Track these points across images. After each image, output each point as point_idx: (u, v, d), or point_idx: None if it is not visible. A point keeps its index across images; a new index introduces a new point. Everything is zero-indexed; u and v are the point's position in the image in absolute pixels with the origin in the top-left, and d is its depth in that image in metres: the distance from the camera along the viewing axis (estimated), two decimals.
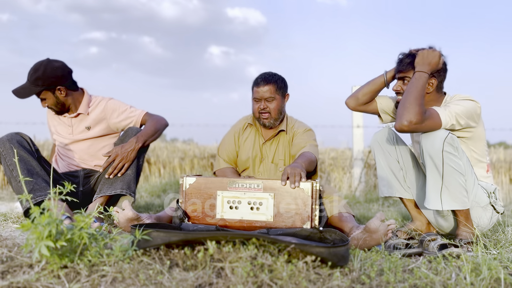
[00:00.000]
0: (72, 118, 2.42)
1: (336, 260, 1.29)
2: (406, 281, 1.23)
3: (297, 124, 2.38)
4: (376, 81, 2.06)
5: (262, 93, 2.26)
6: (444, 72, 1.93)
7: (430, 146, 1.75)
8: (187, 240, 1.35)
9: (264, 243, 1.34)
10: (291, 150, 2.31)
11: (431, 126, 1.76)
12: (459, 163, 1.75)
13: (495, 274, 1.23)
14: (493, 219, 1.89)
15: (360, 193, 4.34)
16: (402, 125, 1.73)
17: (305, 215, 1.75)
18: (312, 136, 2.32)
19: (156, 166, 5.47)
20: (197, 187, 1.84)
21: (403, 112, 1.74)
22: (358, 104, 2.10)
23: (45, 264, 1.24)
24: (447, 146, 1.72)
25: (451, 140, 1.73)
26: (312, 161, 2.07)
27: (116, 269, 1.22)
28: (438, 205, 1.78)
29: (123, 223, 1.83)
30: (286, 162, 2.32)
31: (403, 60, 1.93)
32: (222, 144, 2.43)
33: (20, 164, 2.05)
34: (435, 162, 1.75)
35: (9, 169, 2.09)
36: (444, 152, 1.72)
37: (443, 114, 1.77)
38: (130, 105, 2.48)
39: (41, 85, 2.26)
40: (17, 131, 2.17)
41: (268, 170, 2.33)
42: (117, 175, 2.19)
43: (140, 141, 2.25)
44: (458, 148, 1.76)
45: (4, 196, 3.75)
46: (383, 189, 2.07)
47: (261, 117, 2.30)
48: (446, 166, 1.74)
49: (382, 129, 2.08)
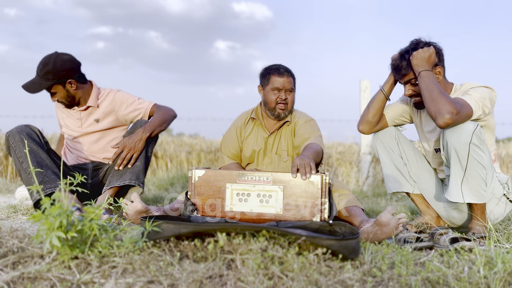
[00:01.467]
0: (81, 111, 2.42)
1: (347, 253, 1.28)
2: (418, 274, 1.22)
3: (298, 114, 2.36)
4: (377, 99, 2.05)
5: (285, 83, 2.24)
6: (443, 57, 1.94)
7: (456, 139, 1.71)
8: (197, 232, 1.35)
9: (274, 235, 1.33)
10: (294, 140, 2.29)
11: (467, 115, 1.72)
12: (483, 157, 1.72)
13: (509, 267, 1.21)
14: (507, 209, 1.88)
15: (368, 187, 4.32)
16: (445, 119, 1.67)
17: (314, 208, 1.74)
18: (315, 126, 2.31)
19: (163, 160, 5.48)
20: (206, 180, 1.84)
21: (439, 107, 1.69)
22: (372, 126, 2.08)
23: (56, 255, 1.24)
24: (475, 139, 1.69)
25: (480, 132, 1.70)
26: (318, 153, 2.06)
27: (127, 260, 1.22)
28: (459, 197, 1.76)
29: (132, 215, 1.84)
30: (290, 152, 2.31)
31: (401, 65, 1.91)
32: (224, 140, 2.41)
33: (30, 156, 2.05)
34: (460, 155, 1.72)
35: (19, 161, 2.10)
36: (471, 144, 1.69)
37: (471, 102, 1.74)
38: (138, 97, 2.48)
39: (52, 79, 2.26)
40: (27, 123, 2.18)
41: (272, 161, 2.32)
42: (126, 166, 2.19)
43: (147, 131, 2.25)
44: (484, 141, 1.73)
45: (13, 188, 3.77)
46: (390, 185, 2.06)
47: (277, 107, 2.26)
48: (471, 158, 1.71)
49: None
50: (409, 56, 1.88)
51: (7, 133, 2.12)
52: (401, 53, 1.92)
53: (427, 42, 1.90)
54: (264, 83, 2.30)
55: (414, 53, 1.86)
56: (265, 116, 2.37)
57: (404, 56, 1.90)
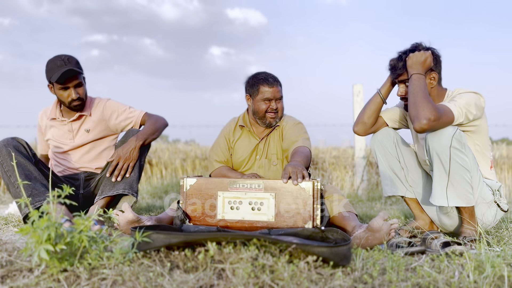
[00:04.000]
0: (72, 122, 2.41)
1: (338, 260, 1.28)
2: (409, 280, 1.22)
3: (286, 118, 2.39)
4: (374, 101, 2.07)
5: (275, 93, 2.27)
6: (440, 64, 1.95)
7: (436, 143, 1.73)
8: (188, 242, 1.34)
9: (265, 243, 1.33)
10: (283, 144, 2.31)
11: (446, 121, 1.73)
12: (466, 160, 1.73)
13: (499, 272, 1.22)
14: (497, 217, 1.88)
15: (362, 191, 4.32)
16: (422, 124, 1.70)
17: (306, 215, 1.74)
18: (303, 129, 2.33)
19: (157, 167, 5.46)
20: (197, 188, 1.83)
21: (418, 112, 1.72)
22: (367, 128, 2.09)
23: (45, 268, 1.23)
24: (455, 142, 1.71)
25: (459, 136, 1.72)
26: (308, 157, 2.09)
27: (116, 272, 1.21)
28: (444, 201, 1.77)
29: (123, 226, 1.83)
30: (279, 156, 2.33)
31: (397, 65, 1.95)
32: (213, 148, 2.42)
33: (18, 170, 2.03)
34: (442, 159, 1.73)
35: (6, 175, 2.07)
36: (451, 148, 1.71)
37: (453, 108, 1.76)
38: (129, 106, 2.47)
39: (81, 69, 2.31)
40: (13, 136, 2.15)
41: (262, 166, 2.33)
42: (125, 176, 2.19)
43: (140, 139, 2.25)
44: (465, 145, 1.74)
45: (6, 200, 3.75)
46: (386, 188, 2.07)
47: (267, 116, 2.29)
48: (453, 162, 1.72)
49: (383, 129, 2.08)
50: (406, 57, 1.91)
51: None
52: (399, 53, 1.96)
53: (426, 46, 1.93)
54: (252, 93, 2.31)
55: (411, 54, 1.89)
56: (253, 123, 2.39)
57: (401, 56, 1.94)
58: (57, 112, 2.43)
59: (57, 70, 2.24)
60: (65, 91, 2.30)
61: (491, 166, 1.95)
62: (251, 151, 2.34)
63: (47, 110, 2.50)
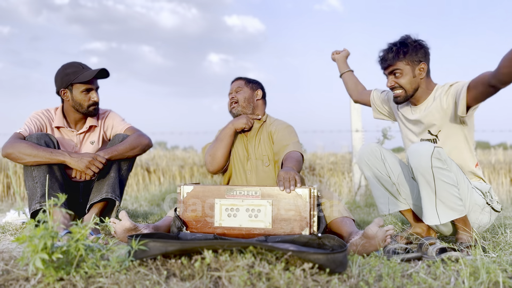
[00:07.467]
0: (80, 135, 2.37)
1: (334, 267, 1.28)
2: (405, 286, 1.22)
3: (277, 122, 2.43)
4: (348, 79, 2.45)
5: (232, 87, 2.49)
6: (428, 56, 2.00)
7: (418, 164, 1.75)
8: (184, 250, 1.35)
9: (262, 251, 1.33)
10: (274, 147, 2.34)
11: None
12: (450, 176, 1.75)
13: (494, 278, 1.22)
14: (492, 218, 1.89)
15: (360, 197, 4.32)
16: None
17: (303, 221, 1.75)
18: (293, 133, 2.36)
19: (155, 174, 5.46)
20: (194, 196, 1.84)
21: None
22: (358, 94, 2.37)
23: (41, 277, 1.23)
24: (435, 161, 1.72)
25: (438, 154, 1.73)
26: (300, 161, 2.13)
27: (113, 280, 1.21)
28: (435, 220, 1.78)
29: (120, 234, 1.83)
30: (270, 157, 2.35)
31: (386, 56, 1.99)
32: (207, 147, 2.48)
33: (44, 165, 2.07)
34: (426, 178, 1.75)
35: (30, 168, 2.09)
36: (433, 168, 1.72)
37: None
38: (123, 118, 2.50)
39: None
40: (47, 133, 2.22)
41: (255, 167, 2.36)
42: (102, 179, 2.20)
43: (107, 154, 2.19)
44: (447, 160, 1.76)
45: (3, 208, 3.74)
46: (381, 206, 2.08)
47: (231, 110, 2.46)
48: (438, 181, 1.74)
49: (366, 145, 2.07)
50: (396, 49, 1.95)
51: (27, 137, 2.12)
52: (389, 45, 2.01)
53: (415, 39, 1.98)
54: None
55: None
56: None
57: (391, 48, 1.98)
58: (64, 121, 2.36)
59: (83, 72, 2.25)
60: (87, 94, 2.27)
61: (476, 164, 1.96)
62: (243, 150, 2.40)
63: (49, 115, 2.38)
